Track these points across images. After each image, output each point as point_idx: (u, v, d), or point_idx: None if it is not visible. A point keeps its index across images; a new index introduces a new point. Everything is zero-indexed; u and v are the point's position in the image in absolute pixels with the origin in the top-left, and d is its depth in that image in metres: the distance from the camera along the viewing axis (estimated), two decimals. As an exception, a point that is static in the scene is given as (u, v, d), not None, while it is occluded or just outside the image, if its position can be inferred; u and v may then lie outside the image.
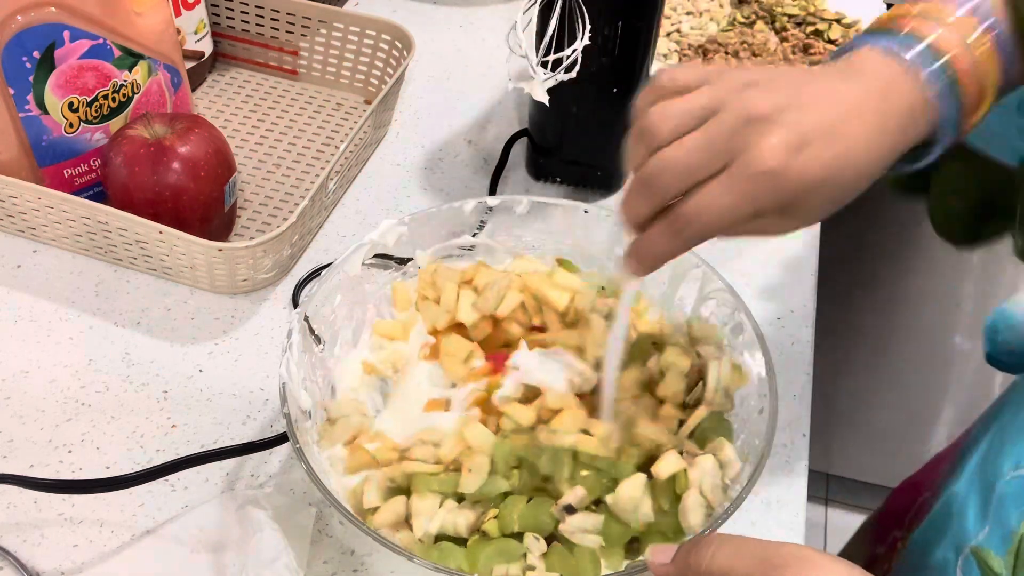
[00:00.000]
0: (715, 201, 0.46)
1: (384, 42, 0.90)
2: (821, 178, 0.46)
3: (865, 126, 0.47)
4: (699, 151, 0.46)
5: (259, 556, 0.56)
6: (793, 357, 0.73)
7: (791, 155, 0.45)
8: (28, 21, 0.69)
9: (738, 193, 0.46)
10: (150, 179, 0.71)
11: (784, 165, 0.45)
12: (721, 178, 0.46)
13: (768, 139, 0.45)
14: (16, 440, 0.65)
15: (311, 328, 0.60)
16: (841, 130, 0.46)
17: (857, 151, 0.47)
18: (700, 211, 0.47)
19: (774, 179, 0.45)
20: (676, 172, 0.47)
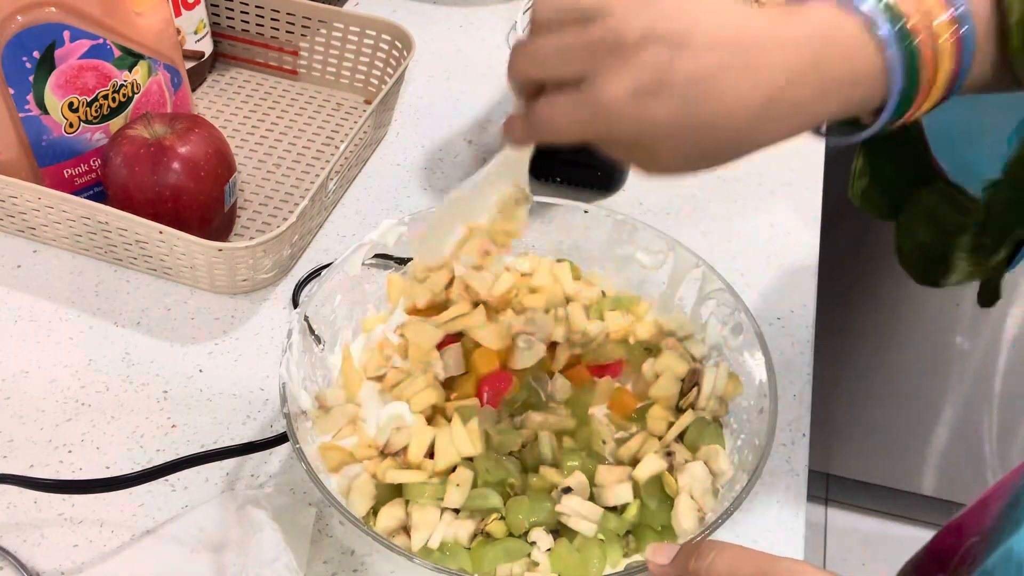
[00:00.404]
0: (558, 114, 0.44)
1: (384, 42, 0.90)
2: (670, 128, 0.42)
3: (763, 83, 0.42)
4: (556, 55, 0.43)
5: (259, 556, 0.56)
6: (793, 357, 0.73)
7: (636, 96, 0.41)
8: (28, 21, 0.69)
9: (579, 117, 0.43)
10: (150, 179, 0.71)
11: (622, 104, 0.41)
12: (570, 93, 0.43)
13: (616, 75, 0.41)
14: (16, 440, 0.65)
15: (311, 328, 0.60)
16: (721, 80, 0.41)
17: (735, 106, 0.42)
18: (545, 117, 0.44)
19: (611, 119, 0.42)
20: (529, 63, 0.45)
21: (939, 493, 1.57)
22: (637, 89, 0.41)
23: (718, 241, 0.80)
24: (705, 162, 0.45)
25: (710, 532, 0.51)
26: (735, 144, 0.44)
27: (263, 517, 0.58)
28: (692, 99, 0.42)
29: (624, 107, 0.42)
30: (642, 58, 0.41)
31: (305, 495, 0.62)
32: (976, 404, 1.44)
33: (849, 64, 0.43)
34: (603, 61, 0.42)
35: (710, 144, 0.43)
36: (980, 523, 0.66)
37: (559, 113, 0.44)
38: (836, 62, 0.43)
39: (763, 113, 0.43)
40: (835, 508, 1.70)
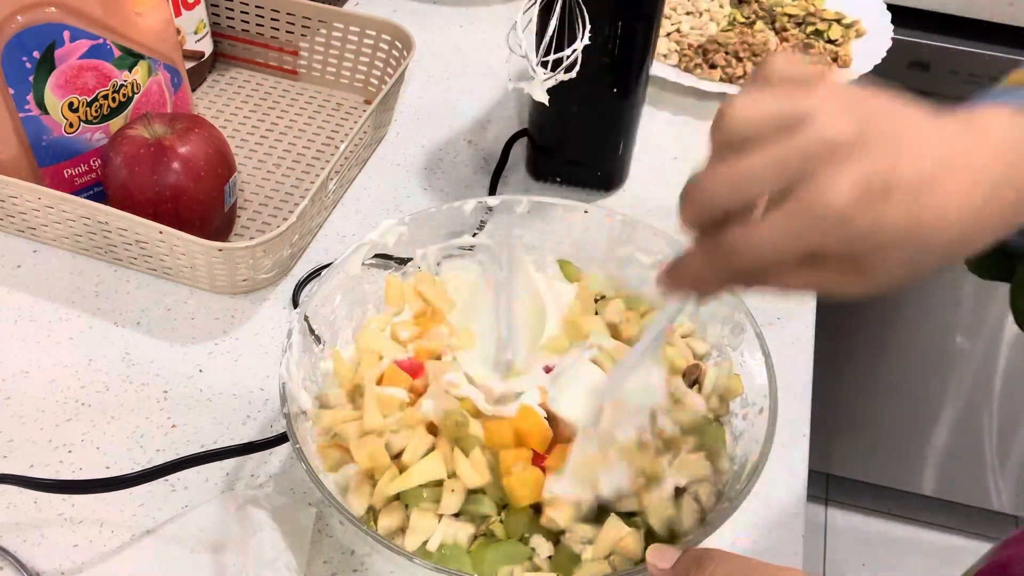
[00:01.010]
0: (765, 234, 0.39)
1: (384, 42, 0.90)
2: (899, 235, 0.39)
3: (975, 186, 0.40)
4: (760, 169, 0.39)
5: (259, 556, 0.56)
6: (793, 357, 0.73)
7: (867, 200, 0.37)
8: (28, 21, 0.69)
9: (794, 231, 0.38)
10: (150, 179, 0.71)
11: (855, 210, 0.37)
12: (779, 210, 0.38)
13: (844, 174, 0.37)
14: (16, 440, 0.65)
15: (311, 328, 0.60)
16: (941, 185, 0.39)
17: (957, 212, 0.39)
18: (745, 241, 0.39)
19: (838, 223, 0.38)
20: (731, 185, 0.39)
21: (939, 493, 1.57)
22: (866, 187, 0.38)
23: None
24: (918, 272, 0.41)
25: (710, 532, 0.51)
26: (952, 251, 0.41)
27: (263, 517, 0.58)
28: (920, 202, 0.39)
29: (854, 208, 0.37)
30: (864, 160, 0.38)
31: (305, 495, 0.62)
32: (976, 404, 1.44)
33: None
34: (818, 165, 0.38)
35: (932, 251, 0.40)
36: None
37: (762, 236, 0.39)
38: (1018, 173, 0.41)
39: (979, 216, 0.40)
40: (835, 508, 1.70)
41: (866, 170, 0.38)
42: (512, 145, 0.88)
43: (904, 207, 0.38)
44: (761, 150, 0.39)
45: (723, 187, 0.39)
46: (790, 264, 0.40)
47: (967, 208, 0.40)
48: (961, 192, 0.39)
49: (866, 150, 0.38)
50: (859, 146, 0.38)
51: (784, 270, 0.40)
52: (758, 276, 0.41)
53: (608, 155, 0.84)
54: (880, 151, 0.38)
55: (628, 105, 0.81)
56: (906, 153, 0.39)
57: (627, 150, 0.85)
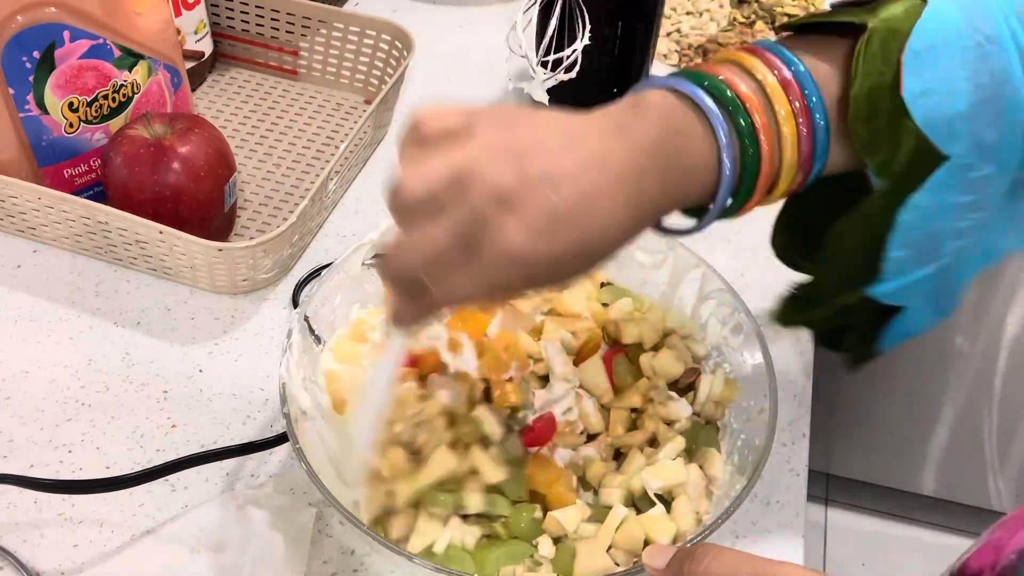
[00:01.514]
0: (461, 287, 0.44)
1: (384, 42, 0.90)
2: (572, 255, 0.44)
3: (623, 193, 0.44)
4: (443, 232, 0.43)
5: (259, 556, 0.56)
6: (793, 357, 0.73)
7: (537, 239, 0.42)
8: (28, 21, 0.69)
9: (484, 279, 0.44)
10: (150, 179, 0.71)
11: (532, 250, 0.43)
12: (468, 265, 0.43)
13: (513, 224, 0.42)
14: (16, 440, 0.65)
15: (311, 328, 0.60)
16: (595, 205, 0.44)
17: (611, 222, 0.44)
18: (447, 296, 0.45)
19: (522, 265, 0.43)
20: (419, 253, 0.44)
21: (939, 493, 1.57)
22: (534, 230, 0.42)
23: (718, 241, 0.80)
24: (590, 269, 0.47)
25: (710, 533, 0.51)
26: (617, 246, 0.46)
27: (263, 517, 0.58)
28: (582, 224, 0.43)
29: (530, 248, 0.42)
30: (528, 199, 0.42)
31: (305, 495, 0.62)
32: (976, 404, 1.43)
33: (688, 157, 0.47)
34: (491, 217, 0.42)
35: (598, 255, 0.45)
36: (1021, 540, 0.66)
37: (463, 282, 0.44)
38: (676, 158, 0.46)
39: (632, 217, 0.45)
40: (835, 508, 1.70)
41: (531, 211, 0.42)
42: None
43: (572, 235, 0.43)
44: (439, 217, 0.43)
45: (414, 257, 0.44)
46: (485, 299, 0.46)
47: (622, 218, 0.45)
48: (614, 204, 0.44)
49: (526, 193, 0.42)
50: (519, 190, 0.42)
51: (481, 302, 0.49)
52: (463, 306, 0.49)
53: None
54: (536, 191, 0.42)
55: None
56: (563, 185, 0.43)
57: (627, 150, 0.85)
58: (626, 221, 0.45)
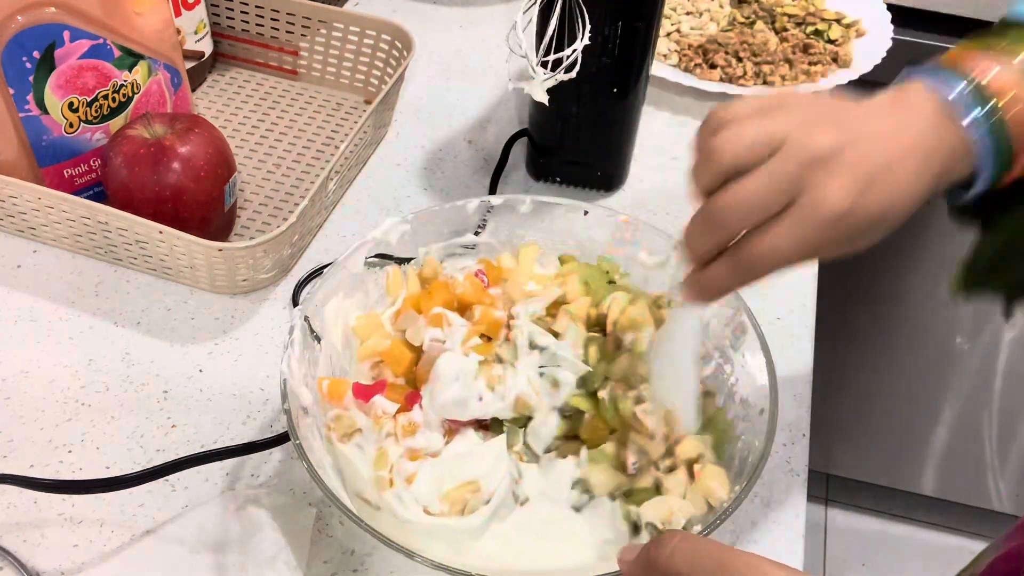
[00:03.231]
0: (781, 243, 0.46)
1: (384, 42, 0.90)
2: (881, 216, 0.47)
3: (916, 163, 0.48)
4: (764, 190, 0.46)
5: (259, 556, 0.56)
6: (793, 357, 0.73)
7: (855, 197, 0.45)
8: (28, 21, 0.69)
9: (804, 235, 0.46)
10: (150, 179, 0.71)
11: (850, 208, 0.45)
12: (786, 221, 0.46)
13: (834, 181, 0.45)
14: (16, 440, 0.65)
15: (311, 327, 0.60)
16: (897, 168, 0.47)
17: (908, 188, 0.47)
18: (765, 252, 0.47)
19: (841, 221, 0.46)
20: (741, 212, 0.47)
21: (939, 493, 1.57)
22: (852, 187, 0.45)
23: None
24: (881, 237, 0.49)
25: (709, 532, 0.51)
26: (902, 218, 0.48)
27: (263, 517, 0.58)
28: (889, 185, 0.47)
29: (849, 206, 0.45)
30: (842, 161, 0.46)
31: (305, 495, 0.62)
32: (976, 404, 1.43)
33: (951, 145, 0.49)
34: (812, 177, 0.45)
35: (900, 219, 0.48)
36: None
37: (779, 245, 0.46)
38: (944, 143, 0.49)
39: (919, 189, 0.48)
40: (835, 508, 1.70)
41: (851, 169, 0.46)
42: (512, 145, 0.88)
43: (881, 193, 0.46)
44: (758, 174, 0.46)
45: (736, 211, 0.47)
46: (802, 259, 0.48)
47: (916, 179, 0.48)
48: (911, 167, 0.48)
49: (842, 153, 0.46)
50: (838, 151, 0.46)
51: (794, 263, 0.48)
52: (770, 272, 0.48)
53: (608, 155, 0.84)
54: (851, 151, 0.46)
55: (628, 105, 0.80)
56: (869, 147, 0.46)
57: (627, 150, 0.85)
58: (919, 189, 0.48)
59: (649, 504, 0.54)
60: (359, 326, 0.62)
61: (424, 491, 0.55)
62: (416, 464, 0.56)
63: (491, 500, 0.54)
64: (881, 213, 0.47)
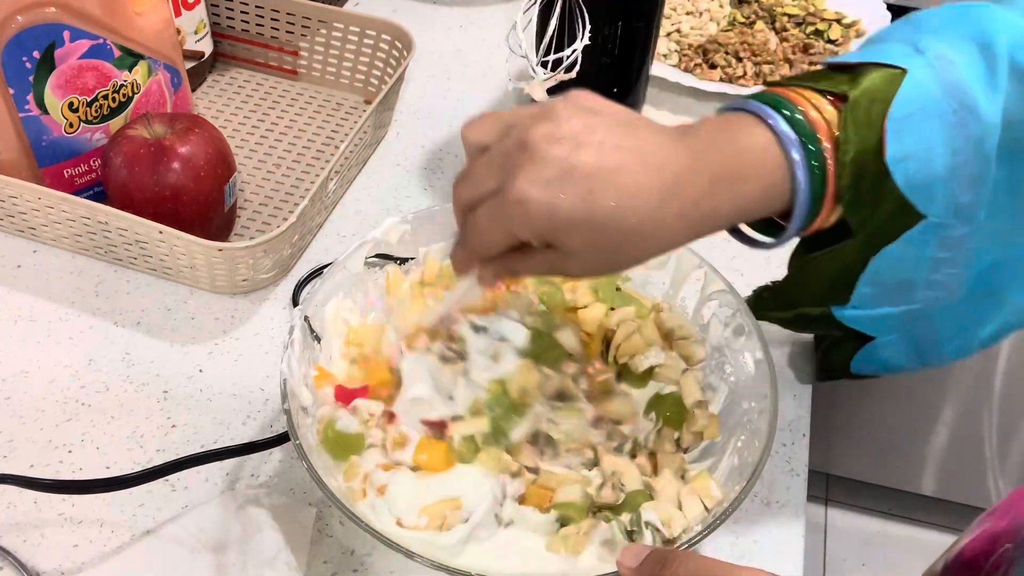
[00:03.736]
0: (480, 223, 0.48)
1: (384, 42, 0.90)
2: (575, 215, 0.45)
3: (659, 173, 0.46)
4: (476, 170, 0.48)
5: (259, 555, 0.56)
6: (793, 357, 0.73)
7: (543, 187, 0.45)
8: (28, 21, 0.69)
9: (496, 219, 0.47)
10: (150, 179, 0.71)
11: (529, 195, 0.45)
12: (488, 202, 0.47)
13: (525, 172, 0.45)
14: (16, 440, 0.65)
15: (311, 327, 0.60)
16: (619, 173, 0.45)
17: (634, 196, 0.46)
18: (471, 231, 0.49)
19: (522, 208, 0.45)
20: (459, 187, 0.49)
21: (939, 493, 1.57)
22: (543, 181, 0.45)
23: (718, 241, 0.79)
24: (612, 262, 0.49)
25: (709, 532, 0.51)
26: (638, 241, 0.47)
27: (263, 517, 0.58)
28: (593, 189, 0.45)
29: (532, 197, 0.45)
30: (547, 155, 0.45)
31: (305, 495, 0.62)
32: (976, 404, 1.43)
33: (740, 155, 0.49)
34: (514, 165, 0.46)
35: (614, 240, 0.46)
36: (1013, 529, 0.66)
37: (482, 221, 0.48)
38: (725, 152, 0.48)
39: (661, 207, 0.46)
40: (835, 508, 1.70)
41: (546, 162, 0.45)
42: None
43: (577, 192, 0.45)
44: (480, 155, 0.49)
45: (462, 187, 0.49)
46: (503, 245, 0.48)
47: (646, 194, 0.46)
48: (639, 180, 0.46)
49: (549, 147, 0.45)
50: (543, 144, 0.45)
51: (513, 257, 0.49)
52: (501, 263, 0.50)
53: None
54: (560, 147, 0.45)
55: (628, 105, 0.80)
56: (588, 150, 0.45)
57: (627, 150, 0.84)
58: (656, 204, 0.46)
59: (649, 505, 0.54)
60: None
61: (399, 503, 0.54)
62: (388, 475, 0.55)
63: (471, 519, 0.53)
64: (578, 216, 0.45)
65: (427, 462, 0.56)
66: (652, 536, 0.53)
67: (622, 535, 0.53)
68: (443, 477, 0.56)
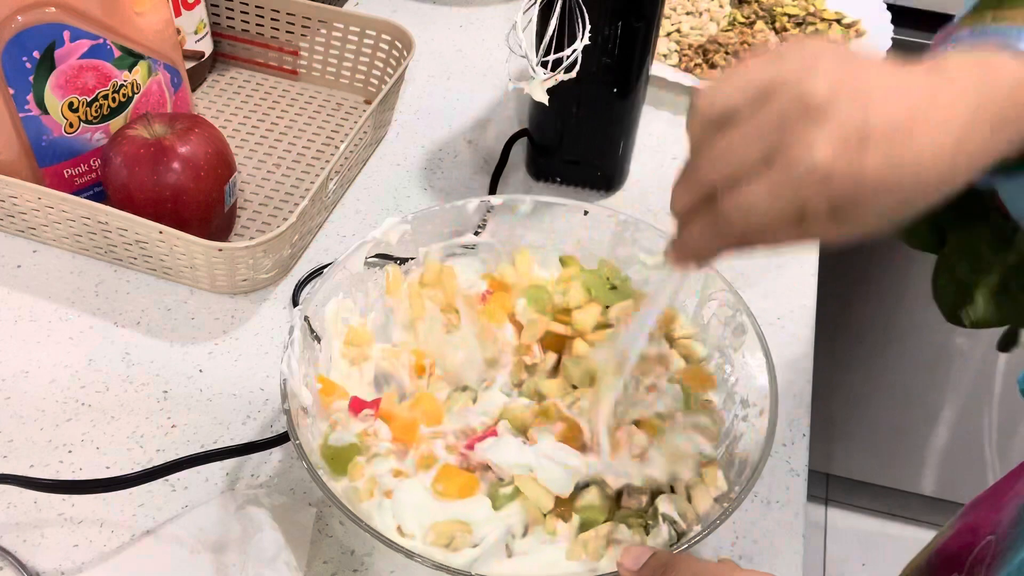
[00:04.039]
0: (757, 201, 0.41)
1: (384, 42, 0.90)
2: (879, 182, 0.40)
3: (946, 129, 0.41)
4: (742, 140, 0.41)
5: (259, 555, 0.56)
6: (793, 357, 0.73)
7: (844, 153, 0.39)
8: (28, 21, 0.69)
9: (782, 194, 0.40)
10: (150, 179, 0.71)
11: (833, 164, 0.39)
12: (764, 176, 0.41)
13: (820, 132, 0.39)
14: (16, 440, 0.65)
15: (311, 327, 0.60)
16: (913, 130, 0.40)
17: (932, 155, 0.40)
18: (740, 211, 0.42)
19: (822, 179, 0.40)
20: (717, 163, 0.42)
21: (939, 493, 1.57)
22: (841, 141, 0.39)
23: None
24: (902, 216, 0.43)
25: (709, 532, 0.51)
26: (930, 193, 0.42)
27: (263, 517, 0.58)
28: (895, 149, 0.40)
29: (834, 165, 0.39)
30: (837, 116, 0.40)
31: (305, 495, 0.62)
32: (976, 404, 1.43)
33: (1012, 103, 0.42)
34: (794, 131, 0.40)
35: (911, 195, 0.41)
36: (995, 521, 0.66)
37: (755, 204, 0.41)
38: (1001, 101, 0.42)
39: (954, 157, 0.41)
40: (835, 508, 1.70)
41: (841, 125, 0.39)
42: (512, 145, 0.88)
43: (881, 156, 0.40)
44: (740, 123, 0.41)
45: (711, 162, 0.42)
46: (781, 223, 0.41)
47: (940, 151, 0.41)
48: (933, 136, 0.40)
49: (837, 106, 0.39)
50: (830, 103, 0.39)
51: (776, 228, 0.42)
52: (752, 237, 0.43)
53: (608, 155, 0.84)
54: (850, 105, 0.40)
55: (628, 105, 0.80)
56: (877, 104, 0.40)
57: (627, 150, 0.85)
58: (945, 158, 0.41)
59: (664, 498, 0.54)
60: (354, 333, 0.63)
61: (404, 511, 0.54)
62: (396, 481, 0.55)
63: (480, 544, 0.53)
64: (882, 179, 0.40)
65: (444, 491, 0.55)
66: (668, 529, 0.53)
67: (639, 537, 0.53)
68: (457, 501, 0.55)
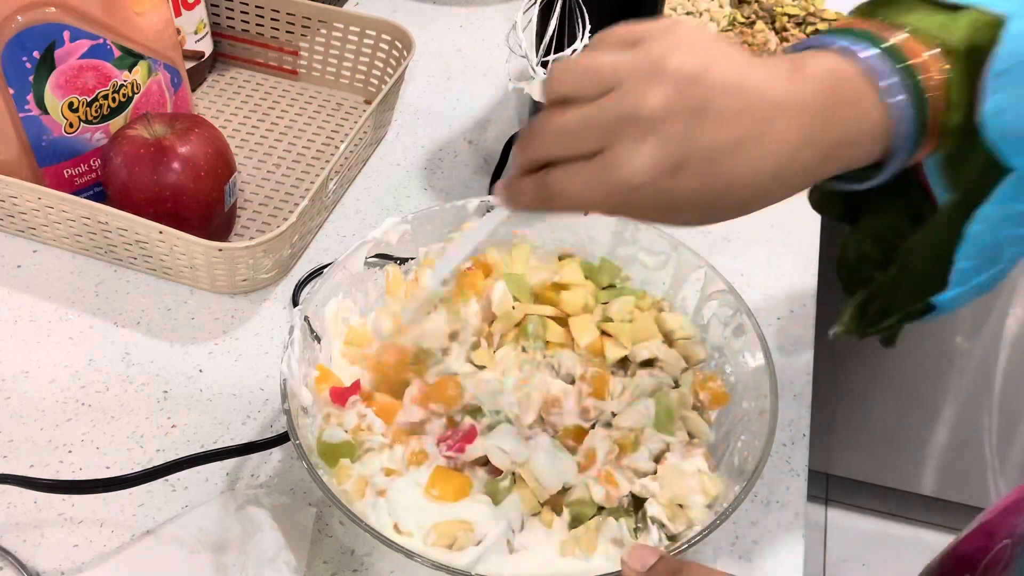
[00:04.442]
0: (575, 188, 0.44)
1: (384, 42, 0.90)
2: (687, 200, 0.43)
3: (774, 149, 0.43)
4: (574, 129, 0.43)
5: (259, 555, 0.56)
6: (793, 357, 0.73)
7: (660, 172, 0.42)
8: (28, 21, 0.69)
9: (598, 190, 0.43)
10: (150, 179, 0.71)
11: (646, 178, 0.42)
12: (586, 168, 0.43)
13: (642, 146, 0.41)
14: (16, 440, 0.65)
15: (311, 327, 0.60)
16: (734, 153, 0.42)
17: (750, 177, 0.43)
18: (561, 189, 0.44)
19: (635, 188, 0.42)
20: (547, 140, 0.44)
21: (939, 493, 1.57)
22: (658, 165, 0.41)
23: (718, 241, 0.80)
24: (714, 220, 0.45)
25: (710, 532, 0.51)
26: (745, 206, 0.45)
27: (263, 517, 0.58)
28: (711, 174, 0.42)
29: (647, 182, 0.42)
30: (662, 132, 0.41)
31: (305, 495, 0.62)
32: (976, 404, 1.43)
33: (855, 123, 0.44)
34: (622, 133, 0.42)
35: (723, 208, 0.44)
36: (1012, 526, 0.66)
37: (577, 184, 0.44)
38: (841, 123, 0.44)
39: (773, 179, 0.43)
40: (835, 508, 1.70)
41: (665, 142, 0.41)
42: (512, 145, 0.88)
43: (696, 178, 0.42)
44: (577, 109, 0.43)
45: (543, 138, 0.44)
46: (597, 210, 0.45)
47: (757, 175, 0.43)
48: (757, 159, 0.42)
49: (667, 122, 0.41)
50: (661, 119, 0.41)
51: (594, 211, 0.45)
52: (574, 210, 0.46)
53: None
54: (681, 124, 0.41)
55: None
56: (709, 124, 0.41)
57: (627, 150, 0.84)
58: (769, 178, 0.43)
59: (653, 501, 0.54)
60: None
61: (399, 508, 0.54)
62: (388, 480, 0.55)
63: (483, 542, 0.53)
64: (694, 198, 0.42)
65: (439, 495, 0.55)
66: (657, 532, 0.53)
67: (629, 533, 0.53)
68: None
